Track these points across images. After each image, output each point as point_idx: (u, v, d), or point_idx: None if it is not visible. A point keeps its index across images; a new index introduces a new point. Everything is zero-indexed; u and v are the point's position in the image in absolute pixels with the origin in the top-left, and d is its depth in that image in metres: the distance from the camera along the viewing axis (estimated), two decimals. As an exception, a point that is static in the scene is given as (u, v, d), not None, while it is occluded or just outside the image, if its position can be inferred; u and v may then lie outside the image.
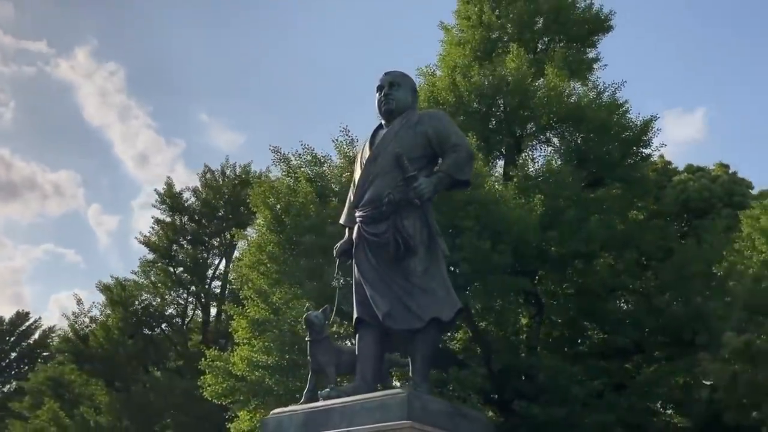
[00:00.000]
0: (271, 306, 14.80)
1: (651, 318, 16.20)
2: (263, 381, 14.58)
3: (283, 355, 14.46)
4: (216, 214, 33.12)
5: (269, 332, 14.85)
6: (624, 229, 17.08)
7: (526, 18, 21.27)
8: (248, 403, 15.14)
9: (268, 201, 16.01)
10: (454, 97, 17.87)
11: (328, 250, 14.93)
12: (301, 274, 15.15)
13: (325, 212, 14.84)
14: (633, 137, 19.02)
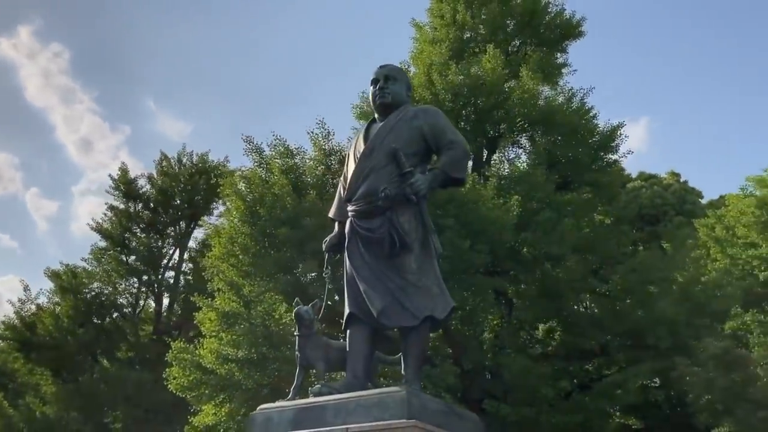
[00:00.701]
0: (243, 299, 14.51)
1: (616, 321, 16.50)
2: (232, 375, 14.30)
3: (253, 348, 14.20)
4: (172, 202, 32.41)
5: (239, 325, 14.57)
6: (591, 233, 17.36)
7: (499, 20, 21.45)
8: (214, 397, 14.83)
9: (240, 191, 15.70)
10: (430, 95, 17.87)
11: (304, 244, 14.89)
12: (273, 267, 14.94)
13: (302, 205, 14.66)
14: (601, 143, 19.41)
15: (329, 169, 16.12)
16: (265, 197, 15.27)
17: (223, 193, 16.19)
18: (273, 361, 14.52)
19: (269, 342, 14.21)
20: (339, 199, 7.07)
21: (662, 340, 16.05)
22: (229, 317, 14.63)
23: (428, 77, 18.34)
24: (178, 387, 15.07)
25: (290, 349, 14.61)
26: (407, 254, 6.48)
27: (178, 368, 14.80)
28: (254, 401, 14.72)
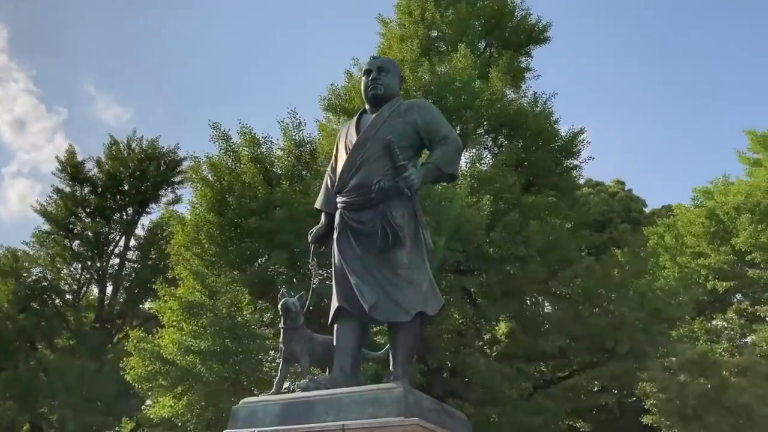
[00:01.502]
0: (209, 288, 14.15)
1: (575, 325, 16.71)
2: (194, 366, 13.93)
3: (218, 339, 13.86)
4: (120, 188, 31.53)
5: (204, 316, 14.20)
6: (551, 237, 17.54)
7: (467, 20, 21.51)
8: (173, 389, 14.41)
9: (207, 179, 15.31)
10: (401, 91, 17.76)
11: (274, 234, 14.62)
12: (240, 257, 14.63)
13: (273, 195, 14.39)
14: (563, 147, 19.68)
15: (299, 160, 15.87)
16: (234, 185, 14.93)
17: (189, 179, 15.71)
18: (237, 353, 14.22)
19: (234, 334, 13.89)
20: (326, 189, 6.94)
21: (620, 345, 16.34)
22: (192, 307, 14.22)
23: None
24: (135, 377, 14.60)
25: (254, 342, 14.38)
26: (399, 249, 6.36)
27: (138, 358, 14.32)
28: (215, 394, 14.44)
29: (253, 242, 14.56)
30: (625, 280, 17.68)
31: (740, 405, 12.62)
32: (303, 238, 14.75)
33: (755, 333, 20.82)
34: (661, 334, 16.73)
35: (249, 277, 14.23)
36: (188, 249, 14.91)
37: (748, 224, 21.73)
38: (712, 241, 23.44)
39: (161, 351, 14.12)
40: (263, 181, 14.61)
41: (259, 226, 14.12)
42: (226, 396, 14.49)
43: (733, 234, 22.82)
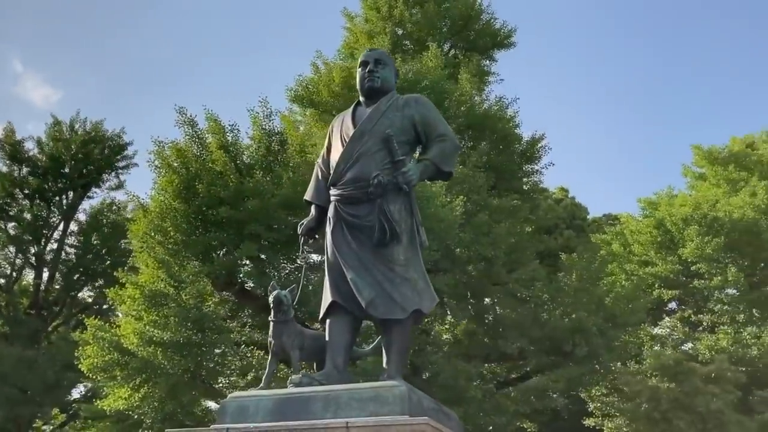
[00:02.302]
0: (174, 278, 13.70)
1: (535, 327, 16.94)
2: (155, 358, 13.48)
3: (182, 330, 13.45)
4: (62, 170, 30.34)
5: (167, 306, 13.75)
6: (513, 239, 17.75)
7: (435, 20, 21.58)
8: (131, 380, 13.90)
9: (173, 165, 14.82)
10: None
11: (243, 225, 14.28)
12: (206, 247, 14.23)
13: (245, 185, 14.05)
14: (524, 151, 20.00)
15: (269, 151, 15.54)
16: (202, 173, 14.51)
17: (153, 165, 15.19)
18: (200, 345, 13.83)
19: (198, 326, 13.50)
20: (317, 181, 6.86)
21: (578, 348, 16.65)
22: (155, 297, 13.75)
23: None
24: (91, 367, 14.01)
25: (220, 335, 14.01)
26: (396, 245, 6.34)
27: (97, 347, 13.75)
28: (175, 387, 14.01)
29: (221, 232, 14.18)
30: (583, 284, 18.03)
31: (711, 411, 13.01)
32: (273, 231, 14.58)
33: (698, 341, 21.55)
34: (615, 338, 17.15)
35: (215, 267, 13.86)
36: (152, 236, 14.40)
37: (696, 236, 22.51)
38: (660, 251, 24.18)
39: (122, 341, 13.60)
40: (235, 170, 14.24)
41: (229, 216, 13.76)
42: (187, 389, 14.11)
43: (679, 244, 23.61)
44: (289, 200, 14.25)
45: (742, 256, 22.96)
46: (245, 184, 14.10)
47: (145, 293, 13.87)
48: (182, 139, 15.86)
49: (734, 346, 20.28)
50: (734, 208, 22.96)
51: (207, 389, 14.32)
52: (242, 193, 14.00)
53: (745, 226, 22.63)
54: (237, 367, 14.79)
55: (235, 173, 14.13)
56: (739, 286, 21.99)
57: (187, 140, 15.89)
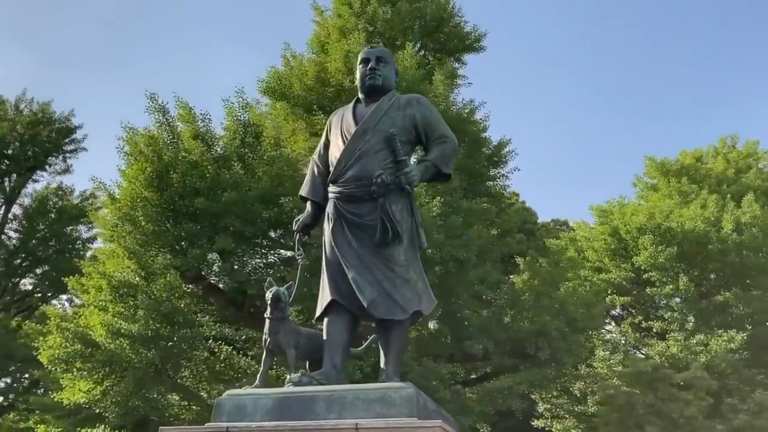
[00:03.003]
0: (145, 269, 13.29)
1: (500, 329, 17.12)
2: (122, 350, 13.05)
3: (151, 323, 13.07)
4: (5, 151, 29.17)
5: (133, 297, 13.33)
6: (484, 242, 17.91)
7: (407, 20, 21.54)
8: (94, 373, 13.42)
9: (145, 152, 14.36)
10: (349, 82, 17.58)
11: (219, 217, 13.97)
12: (177, 239, 13.86)
13: (221, 176, 13.74)
14: (491, 155, 20.18)
15: (243, 143, 15.24)
16: (177, 162, 14.12)
17: (124, 152, 14.68)
18: (167, 339, 13.47)
19: (168, 319, 13.13)
20: (313, 177, 6.82)
21: (541, 351, 16.91)
22: (123, 287, 13.31)
23: (346, 65, 18.02)
24: (51, 358, 13.45)
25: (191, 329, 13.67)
26: (397, 245, 6.35)
27: (60, 338, 13.21)
28: (141, 382, 13.62)
29: (195, 224, 13.84)
30: (546, 288, 18.32)
31: (685, 417, 13.38)
32: (250, 224, 14.31)
33: (649, 347, 22.18)
34: (576, 342, 17.50)
35: (188, 260, 13.51)
36: (121, 226, 13.93)
37: (650, 245, 23.15)
38: (614, 258, 24.78)
39: (89, 332, 13.11)
40: (213, 161, 13.90)
41: (204, 207, 13.43)
42: (153, 383, 13.73)
43: (633, 252, 24.24)
44: (267, 194, 14.03)
45: (692, 266, 23.72)
46: (222, 176, 13.79)
47: (113, 284, 13.42)
48: (153, 127, 15.44)
49: (683, 353, 20.95)
50: (686, 220, 23.69)
51: (174, 384, 13.95)
52: (219, 185, 13.68)
53: (696, 237, 23.38)
54: (203, 362, 14.44)
55: (213, 164, 13.78)
56: (689, 295, 22.71)
57: (158, 128, 15.47)
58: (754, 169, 27.52)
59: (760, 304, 22.63)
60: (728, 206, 24.06)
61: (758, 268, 23.44)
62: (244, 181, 13.73)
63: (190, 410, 14.63)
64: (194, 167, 14.09)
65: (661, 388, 13.68)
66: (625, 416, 13.96)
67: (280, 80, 18.76)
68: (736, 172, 27.05)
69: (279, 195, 14.17)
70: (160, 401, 13.56)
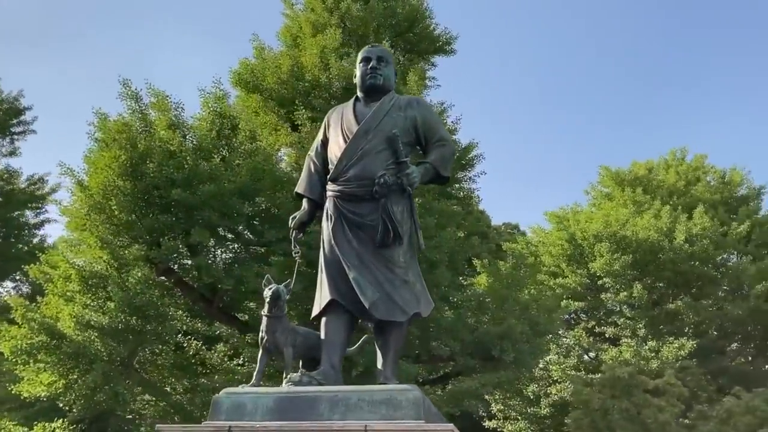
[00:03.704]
0: (118, 260, 12.90)
1: (466, 331, 17.24)
2: (91, 343, 12.65)
3: (121, 316, 12.69)
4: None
5: (104, 289, 12.93)
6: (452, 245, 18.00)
7: (380, 18, 21.48)
8: (60, 365, 12.95)
9: (120, 140, 13.92)
10: (326, 78, 17.46)
11: (195, 210, 13.65)
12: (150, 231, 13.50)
13: (200, 168, 13.43)
14: (459, 158, 20.31)
15: (219, 135, 14.95)
16: (153, 152, 13.75)
17: (96, 138, 14.21)
18: (138, 333, 13.11)
19: (140, 312, 12.77)
20: (309, 174, 6.78)
21: (506, 354, 17.09)
22: (95, 277, 12.88)
23: (323, 60, 17.88)
24: (14, 350, 12.91)
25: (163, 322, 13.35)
26: (398, 247, 6.38)
27: (27, 329, 12.69)
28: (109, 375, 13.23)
29: (170, 216, 13.50)
30: (511, 292, 18.54)
31: (658, 422, 13.73)
32: (227, 218, 14.04)
33: (603, 351, 22.73)
34: (539, 345, 17.79)
35: (162, 252, 13.17)
36: (93, 215, 13.48)
37: (606, 252, 23.72)
38: (570, 263, 25.30)
39: (55, 323, 12.64)
40: (192, 151, 13.58)
41: (181, 199, 13.12)
42: (121, 378, 13.33)
43: (589, 259, 24.80)
44: (245, 188, 13.81)
45: (644, 275, 24.40)
46: (200, 167, 13.49)
47: (84, 274, 12.98)
48: (126, 114, 15.00)
49: (635, 359, 21.55)
50: (640, 229, 24.36)
51: (141, 379, 13.59)
52: (197, 176, 13.38)
53: (650, 246, 24.07)
54: (172, 357, 14.13)
55: (192, 154, 13.45)
56: (642, 302, 23.36)
57: (131, 115, 15.04)
58: (702, 182, 28.47)
59: (708, 313, 23.46)
60: (681, 217, 24.84)
61: (707, 278, 24.29)
62: (223, 174, 13.46)
63: (156, 406, 14.29)
64: (171, 157, 13.74)
65: (636, 394, 14.05)
66: (599, 420, 14.28)
67: (253, 72, 18.48)
68: (686, 184, 27.95)
69: (257, 190, 13.96)
70: (127, 396, 13.17)
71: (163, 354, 14.03)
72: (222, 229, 13.67)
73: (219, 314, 15.09)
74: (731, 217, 25.95)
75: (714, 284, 24.39)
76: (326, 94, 17.56)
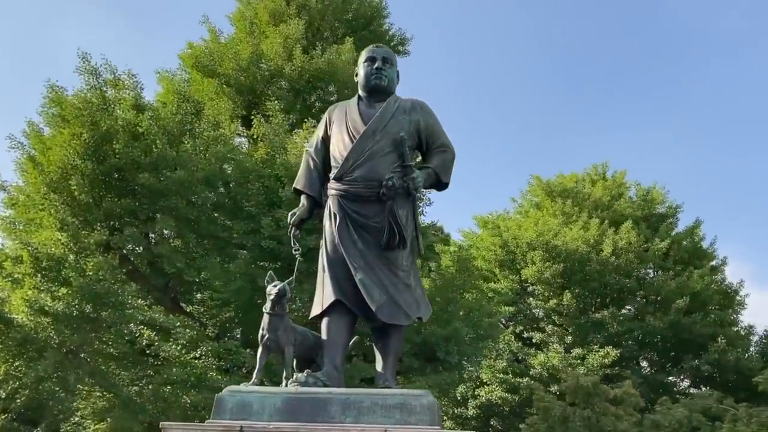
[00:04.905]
0: (78, 243, 12.23)
1: (412, 332, 17.37)
2: (43, 330, 11.95)
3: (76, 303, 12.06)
4: None
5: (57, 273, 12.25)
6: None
7: (337, 13, 21.31)
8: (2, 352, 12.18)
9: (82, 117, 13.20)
10: (291, 70, 17.16)
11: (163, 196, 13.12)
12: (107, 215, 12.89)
13: (167, 152, 12.91)
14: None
15: (185, 120, 14.42)
16: (117, 132, 13.11)
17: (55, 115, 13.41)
18: (92, 321, 12.49)
19: (98, 300, 12.16)
20: (309, 170, 6.74)
21: (450, 356, 17.34)
22: (50, 260, 12.15)
23: (288, 51, 17.56)
24: (-45, 333, 12.04)
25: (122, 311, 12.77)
26: (402, 250, 6.45)
27: (-26, 313, 11.84)
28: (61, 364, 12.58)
29: (133, 201, 12.92)
30: (455, 295, 18.78)
31: (617, 430, 14.21)
32: (194, 206, 13.56)
33: (533, 357, 23.41)
34: (481, 348, 18.13)
35: (124, 238, 12.60)
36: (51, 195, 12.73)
37: (539, 260, 24.42)
38: (503, 269, 25.88)
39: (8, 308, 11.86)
40: (161, 135, 13.01)
41: (149, 184, 12.58)
42: (71, 367, 12.66)
43: (521, 265, 25.45)
44: (213, 176, 13.41)
45: (573, 284, 25.25)
46: (168, 152, 12.95)
47: (38, 256, 12.23)
48: (85, 90, 14.22)
49: (562, 365, 22.32)
50: (570, 240, 25.19)
51: (92, 370, 12.92)
52: (165, 161, 12.86)
53: (579, 257, 24.94)
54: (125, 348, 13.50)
55: (161, 137, 12.90)
56: (570, 310, 24.20)
57: (89, 91, 14.27)
58: (625, 198, 29.69)
59: (630, 324, 24.57)
60: (608, 231, 25.84)
61: (631, 290, 25.41)
62: (192, 160, 12.99)
63: (103, 397, 13.66)
64: (136, 139, 13.14)
65: (597, 403, 14.54)
66: (557, 427, 14.68)
67: (211, 55, 17.94)
68: (611, 199, 29.08)
69: (222, 179, 13.57)
70: (74, 387, 12.53)
71: (114, 344, 13.40)
72: (188, 218, 13.16)
73: (171, 304, 14.59)
74: (652, 234, 27.19)
75: (636, 297, 25.53)
76: (288, 84, 17.28)
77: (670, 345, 25.11)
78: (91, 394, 14.26)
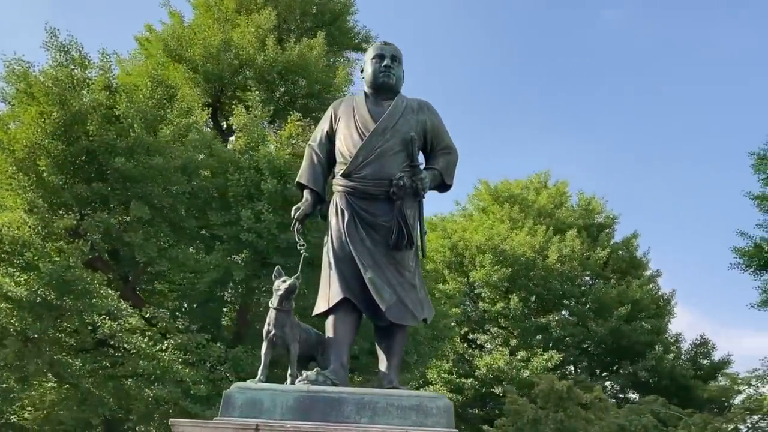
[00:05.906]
0: (47, 228, 11.66)
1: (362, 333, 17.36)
2: (4, 317, 11.33)
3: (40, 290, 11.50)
4: None
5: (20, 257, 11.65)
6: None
7: (308, 8, 21.07)
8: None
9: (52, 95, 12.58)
10: (264, 61, 16.82)
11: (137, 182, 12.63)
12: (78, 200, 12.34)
13: (146, 138, 12.44)
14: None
15: (159, 103, 13.94)
16: (89, 113, 12.54)
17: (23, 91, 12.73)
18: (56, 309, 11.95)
19: (66, 287, 11.62)
20: (312, 165, 6.67)
21: (409, 355, 17.41)
22: (14, 244, 11.53)
23: (262, 44, 17.24)
24: None
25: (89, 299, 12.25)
26: (409, 250, 6.48)
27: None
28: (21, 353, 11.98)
29: (105, 186, 12.40)
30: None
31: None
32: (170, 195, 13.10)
33: (478, 358, 23.75)
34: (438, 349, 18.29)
35: (94, 223, 12.06)
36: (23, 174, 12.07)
37: (488, 264, 24.78)
38: (452, 271, 26.14)
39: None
40: (139, 118, 12.52)
41: (124, 169, 12.10)
42: (31, 357, 12.05)
43: (469, 268, 25.76)
44: (189, 165, 13.02)
45: (518, 288, 25.73)
46: (145, 137, 12.48)
47: (1, 238, 11.57)
48: (51, 66, 13.56)
49: (507, 367, 22.75)
50: (517, 245, 25.66)
51: (51, 360, 12.31)
52: (143, 146, 12.39)
53: (525, 262, 25.43)
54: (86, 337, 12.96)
55: (139, 121, 12.41)
56: (517, 314, 24.66)
57: (56, 68, 13.62)
58: (566, 206, 30.45)
59: (573, 329, 25.25)
60: (553, 238, 26.46)
61: (574, 296, 26.09)
62: (170, 146, 12.55)
63: (59, 391, 13.08)
64: (110, 122, 12.62)
65: (570, 407, 14.82)
66: (527, 430, 14.92)
67: (179, 40, 17.42)
68: (554, 207, 29.77)
69: (199, 168, 13.20)
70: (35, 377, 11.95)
71: (75, 334, 12.84)
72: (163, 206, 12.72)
73: (132, 296, 14.09)
74: (592, 243, 28.03)
75: (578, 303, 26.23)
76: (257, 75, 16.96)
77: (608, 350, 25.91)
78: (42, 385, 13.63)
